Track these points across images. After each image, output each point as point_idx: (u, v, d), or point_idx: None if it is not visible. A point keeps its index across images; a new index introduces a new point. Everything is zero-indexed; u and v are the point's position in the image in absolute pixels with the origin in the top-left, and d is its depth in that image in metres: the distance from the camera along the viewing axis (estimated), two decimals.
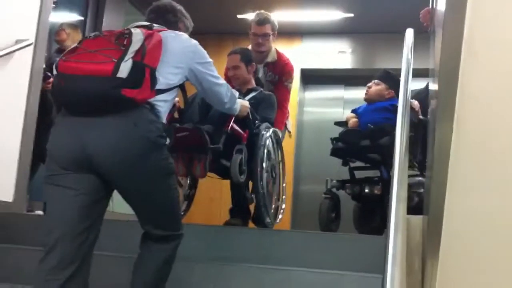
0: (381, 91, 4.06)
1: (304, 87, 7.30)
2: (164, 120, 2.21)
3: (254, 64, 3.73)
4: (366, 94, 4.13)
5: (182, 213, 3.56)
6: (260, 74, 4.00)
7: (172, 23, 2.47)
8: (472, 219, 2.53)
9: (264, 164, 3.30)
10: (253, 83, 3.73)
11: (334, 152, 4.06)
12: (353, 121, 4.11)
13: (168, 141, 2.17)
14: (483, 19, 1.88)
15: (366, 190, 3.91)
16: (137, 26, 2.28)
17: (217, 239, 3.13)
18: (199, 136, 3.08)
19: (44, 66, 3.99)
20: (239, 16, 6.49)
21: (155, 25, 2.33)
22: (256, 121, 3.41)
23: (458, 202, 2.39)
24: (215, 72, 2.48)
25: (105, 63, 1.97)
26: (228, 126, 3.14)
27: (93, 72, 1.98)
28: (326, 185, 4.11)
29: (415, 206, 3.62)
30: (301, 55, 6.96)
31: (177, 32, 2.38)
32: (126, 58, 1.98)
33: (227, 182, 3.54)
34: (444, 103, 2.09)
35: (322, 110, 7.26)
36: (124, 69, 1.96)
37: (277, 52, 4.14)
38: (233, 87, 3.62)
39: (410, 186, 3.56)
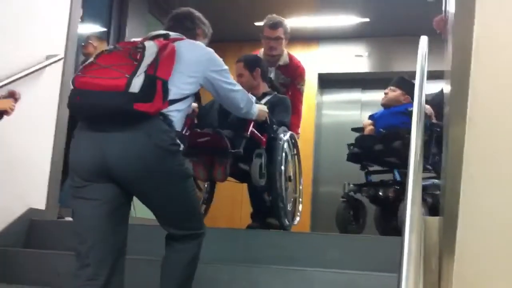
0: (397, 97, 4.18)
1: (322, 91, 7.40)
2: (178, 128, 2.26)
3: (259, 69, 3.69)
4: (383, 99, 4.26)
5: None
6: (273, 77, 4.01)
7: (190, 30, 2.53)
8: (486, 218, 2.61)
9: (282, 167, 3.35)
10: (264, 87, 3.73)
11: (350, 157, 4.18)
12: (369, 129, 4.23)
13: (182, 147, 2.23)
14: (491, 23, 1.97)
15: (380, 193, 4.02)
16: (155, 36, 2.35)
17: (240, 242, 3.24)
18: (220, 141, 3.12)
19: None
20: (256, 24, 6.63)
21: (171, 33, 2.39)
22: (274, 126, 3.44)
23: (473, 202, 2.47)
24: (230, 79, 2.52)
25: (118, 79, 2.04)
26: (248, 131, 3.17)
27: (107, 87, 2.05)
28: (343, 189, 4.22)
29: (431, 208, 3.73)
30: (318, 60, 7.11)
31: (193, 41, 2.43)
32: (138, 73, 2.05)
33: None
34: (456, 105, 2.17)
35: (340, 113, 7.36)
36: (136, 84, 2.03)
37: (289, 55, 4.17)
38: None
39: (426, 188, 3.68)
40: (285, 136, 3.45)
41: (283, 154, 3.39)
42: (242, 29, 6.78)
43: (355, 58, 7.12)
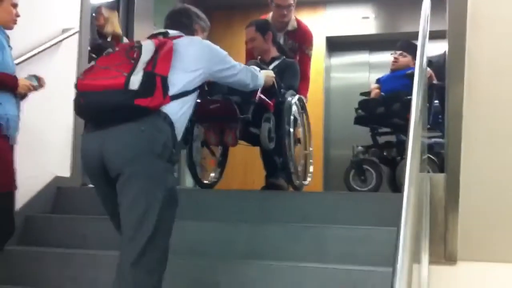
0: (408, 62, 4.28)
1: (330, 54, 7.45)
2: (181, 128, 2.29)
3: (271, 33, 3.77)
4: (393, 65, 4.36)
5: (216, 180, 3.75)
6: (281, 42, 4.06)
7: (187, 26, 2.57)
8: (487, 174, 2.76)
9: (291, 130, 3.42)
10: (275, 52, 3.80)
11: (357, 121, 4.34)
12: (375, 92, 4.34)
13: (173, 154, 2.23)
14: None
15: (385, 153, 4.18)
16: (155, 35, 2.45)
17: (255, 203, 3.36)
18: (229, 107, 3.18)
19: (89, 49, 4.27)
20: None
21: (170, 32, 2.47)
22: (282, 90, 3.49)
23: (473, 159, 2.63)
24: (231, 63, 2.56)
25: (117, 78, 2.12)
26: (256, 96, 3.21)
27: (107, 86, 2.13)
28: (352, 151, 4.37)
29: (440, 166, 3.87)
30: (325, 23, 7.14)
31: (190, 37, 2.48)
32: (136, 71, 2.12)
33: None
34: (453, 67, 2.29)
35: (348, 75, 7.43)
36: (135, 81, 2.10)
37: (297, 20, 4.21)
38: (255, 58, 3.77)
39: (432, 147, 3.82)
40: (293, 99, 3.52)
41: (291, 116, 3.46)
42: None
43: (362, 20, 7.14)
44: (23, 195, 3.38)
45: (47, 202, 3.69)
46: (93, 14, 4.83)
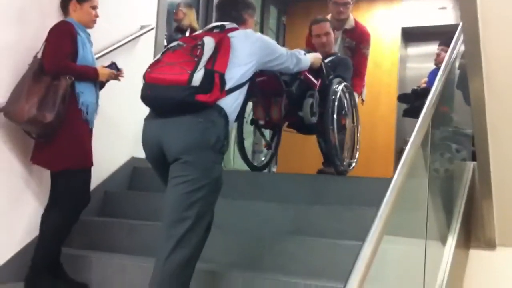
0: None
1: (406, 45, 7.51)
2: (233, 117, 2.50)
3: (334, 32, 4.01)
4: (436, 60, 4.47)
5: (265, 163, 3.93)
6: (338, 40, 4.23)
7: (237, 18, 2.74)
8: None
9: (334, 115, 3.50)
10: (333, 49, 4.02)
11: (403, 114, 4.51)
12: (422, 86, 4.49)
13: (225, 146, 2.46)
14: None
15: None
16: (212, 27, 2.66)
17: (310, 186, 3.60)
18: (275, 81, 3.27)
19: (165, 44, 4.68)
20: None
21: (226, 25, 2.65)
22: (330, 76, 3.61)
23: (501, 147, 2.74)
24: (278, 52, 2.74)
25: (182, 74, 2.33)
26: (302, 74, 3.30)
27: (172, 82, 2.35)
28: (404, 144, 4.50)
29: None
30: (401, 14, 7.22)
31: (244, 31, 2.63)
32: (198, 68, 2.34)
33: None
34: (472, 63, 2.41)
35: (424, 65, 7.44)
36: (197, 79, 2.32)
37: (355, 20, 4.33)
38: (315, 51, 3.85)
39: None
40: (339, 86, 3.63)
41: (336, 99, 3.54)
42: None
43: (439, 11, 7.14)
44: (103, 173, 3.82)
45: (124, 179, 4.13)
46: (174, 11, 5.28)
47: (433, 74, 4.46)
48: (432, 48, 7.48)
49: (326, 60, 3.76)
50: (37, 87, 3.00)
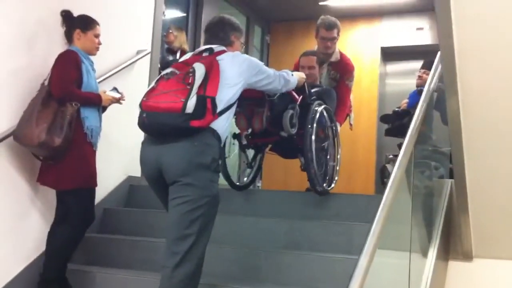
0: None
1: (385, 63, 7.80)
2: (224, 135, 2.70)
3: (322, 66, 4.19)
4: (418, 82, 4.75)
5: (247, 183, 3.97)
6: (324, 71, 4.36)
7: (224, 39, 2.90)
8: (491, 176, 3.09)
9: (313, 136, 3.50)
10: (318, 81, 4.16)
11: (385, 133, 4.82)
12: (403, 106, 4.77)
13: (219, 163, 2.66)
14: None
15: None
16: (202, 51, 2.81)
17: (301, 202, 3.85)
18: (258, 91, 3.16)
19: (159, 66, 4.86)
20: (321, 3, 7.14)
21: (214, 48, 2.81)
22: (313, 97, 3.66)
23: (476, 163, 2.97)
24: (266, 72, 2.88)
25: (176, 103, 2.49)
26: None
27: (167, 110, 2.51)
28: (384, 160, 4.78)
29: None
30: (380, 34, 7.51)
31: (231, 53, 2.78)
32: (191, 96, 2.49)
33: None
34: (447, 81, 2.64)
35: (402, 81, 7.70)
36: (190, 106, 2.48)
37: (340, 53, 4.44)
38: None
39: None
40: (319, 107, 3.69)
41: (316, 118, 3.58)
42: (309, 8, 7.19)
43: (416, 31, 7.45)
44: (101, 191, 3.97)
45: (121, 197, 4.31)
46: (164, 33, 5.49)
47: (413, 96, 4.74)
48: (410, 65, 7.83)
49: (313, 90, 3.85)
50: (46, 113, 3.19)
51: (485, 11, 2.43)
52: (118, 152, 4.29)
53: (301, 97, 3.56)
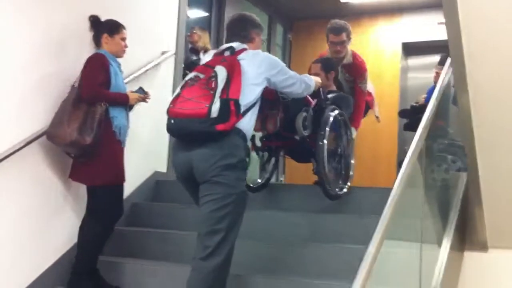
0: None
1: (406, 57, 7.80)
2: (249, 134, 2.81)
3: (333, 72, 4.09)
4: (434, 78, 4.82)
5: (260, 185, 3.97)
6: (339, 74, 4.39)
7: (245, 37, 2.98)
8: (503, 168, 3.17)
9: (325, 140, 3.52)
10: (333, 87, 4.11)
11: (405, 127, 4.86)
12: (421, 101, 4.86)
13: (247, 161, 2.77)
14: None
15: None
16: (223, 50, 2.90)
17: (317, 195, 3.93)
18: (272, 92, 3.22)
19: (183, 66, 5.02)
20: (342, 1, 7.22)
21: (235, 46, 2.89)
22: (327, 101, 3.69)
23: (488, 156, 3.06)
24: (288, 73, 2.94)
25: (201, 109, 2.61)
26: None
27: (193, 115, 2.64)
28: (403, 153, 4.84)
29: None
30: (401, 30, 7.55)
31: (252, 52, 2.87)
32: (215, 100, 2.60)
33: None
34: (457, 77, 2.73)
35: (424, 75, 7.72)
36: (215, 110, 2.59)
37: (353, 54, 4.45)
38: None
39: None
40: (333, 112, 3.69)
41: (328, 123, 3.57)
42: (330, 6, 7.23)
43: (438, 26, 7.46)
44: (130, 186, 4.13)
45: (149, 192, 4.48)
46: (188, 34, 5.64)
47: (431, 92, 4.80)
48: (432, 59, 7.81)
49: (329, 96, 3.86)
50: (77, 113, 3.37)
51: (492, 11, 2.53)
52: (145, 149, 4.45)
53: (315, 100, 3.62)
